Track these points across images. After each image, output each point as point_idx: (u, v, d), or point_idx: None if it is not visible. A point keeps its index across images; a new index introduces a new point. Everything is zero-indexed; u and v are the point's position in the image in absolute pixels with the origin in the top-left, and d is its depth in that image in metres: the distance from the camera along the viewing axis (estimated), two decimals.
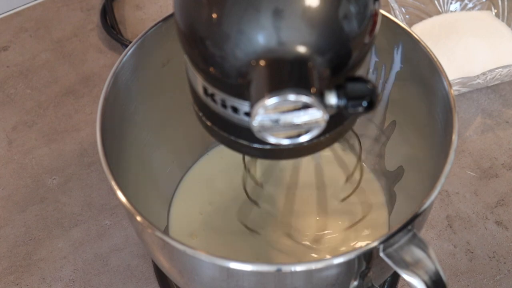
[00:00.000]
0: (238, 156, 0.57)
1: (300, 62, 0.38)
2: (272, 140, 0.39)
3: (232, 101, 0.41)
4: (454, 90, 0.73)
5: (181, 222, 0.65)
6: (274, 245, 0.62)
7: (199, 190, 0.66)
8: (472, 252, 0.66)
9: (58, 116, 0.76)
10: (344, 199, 0.62)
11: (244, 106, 0.41)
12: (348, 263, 0.47)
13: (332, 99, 0.38)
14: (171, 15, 0.57)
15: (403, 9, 0.79)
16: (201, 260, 0.47)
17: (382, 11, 0.52)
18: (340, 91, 0.38)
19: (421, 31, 0.76)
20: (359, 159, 0.63)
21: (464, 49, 0.74)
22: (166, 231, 0.64)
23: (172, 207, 0.66)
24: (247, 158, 0.62)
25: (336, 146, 0.67)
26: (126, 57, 0.55)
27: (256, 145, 0.43)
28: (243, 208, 0.64)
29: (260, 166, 0.65)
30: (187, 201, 0.66)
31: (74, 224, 0.68)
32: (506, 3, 0.79)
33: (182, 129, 0.65)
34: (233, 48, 0.38)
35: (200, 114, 0.45)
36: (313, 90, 0.37)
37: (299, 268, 0.46)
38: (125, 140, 0.58)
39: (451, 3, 0.80)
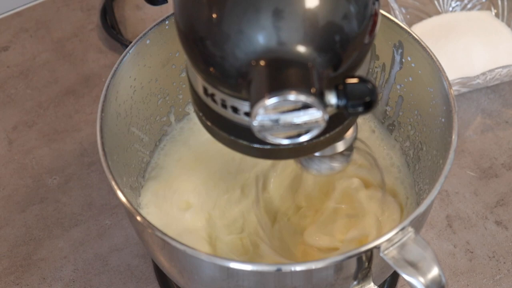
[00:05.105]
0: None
1: (300, 62, 0.38)
2: (272, 140, 0.39)
3: (232, 101, 0.41)
4: (454, 90, 0.73)
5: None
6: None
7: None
8: (472, 252, 0.66)
9: (58, 116, 0.76)
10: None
11: (244, 106, 0.41)
12: (348, 263, 0.47)
13: (332, 99, 0.38)
14: (171, 15, 0.57)
15: (403, 9, 0.79)
16: (201, 260, 0.47)
17: (382, 11, 0.52)
18: (340, 91, 0.38)
19: (421, 31, 0.76)
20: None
21: (464, 49, 0.74)
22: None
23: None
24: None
25: None
26: (126, 57, 0.55)
27: (256, 145, 0.43)
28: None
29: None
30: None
31: (74, 224, 0.68)
32: (506, 3, 0.79)
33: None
34: (233, 48, 0.38)
35: (200, 114, 0.45)
36: (313, 90, 0.37)
37: (299, 268, 0.46)
38: (125, 140, 0.58)
39: (451, 3, 0.80)
